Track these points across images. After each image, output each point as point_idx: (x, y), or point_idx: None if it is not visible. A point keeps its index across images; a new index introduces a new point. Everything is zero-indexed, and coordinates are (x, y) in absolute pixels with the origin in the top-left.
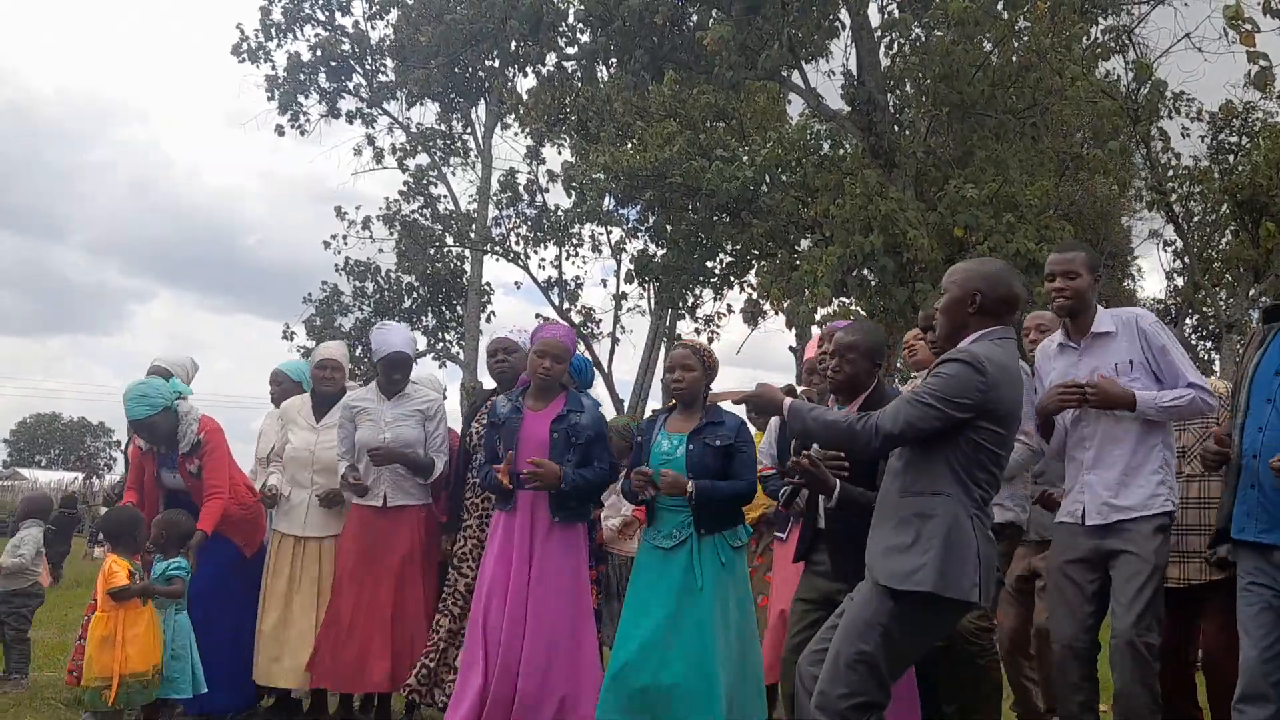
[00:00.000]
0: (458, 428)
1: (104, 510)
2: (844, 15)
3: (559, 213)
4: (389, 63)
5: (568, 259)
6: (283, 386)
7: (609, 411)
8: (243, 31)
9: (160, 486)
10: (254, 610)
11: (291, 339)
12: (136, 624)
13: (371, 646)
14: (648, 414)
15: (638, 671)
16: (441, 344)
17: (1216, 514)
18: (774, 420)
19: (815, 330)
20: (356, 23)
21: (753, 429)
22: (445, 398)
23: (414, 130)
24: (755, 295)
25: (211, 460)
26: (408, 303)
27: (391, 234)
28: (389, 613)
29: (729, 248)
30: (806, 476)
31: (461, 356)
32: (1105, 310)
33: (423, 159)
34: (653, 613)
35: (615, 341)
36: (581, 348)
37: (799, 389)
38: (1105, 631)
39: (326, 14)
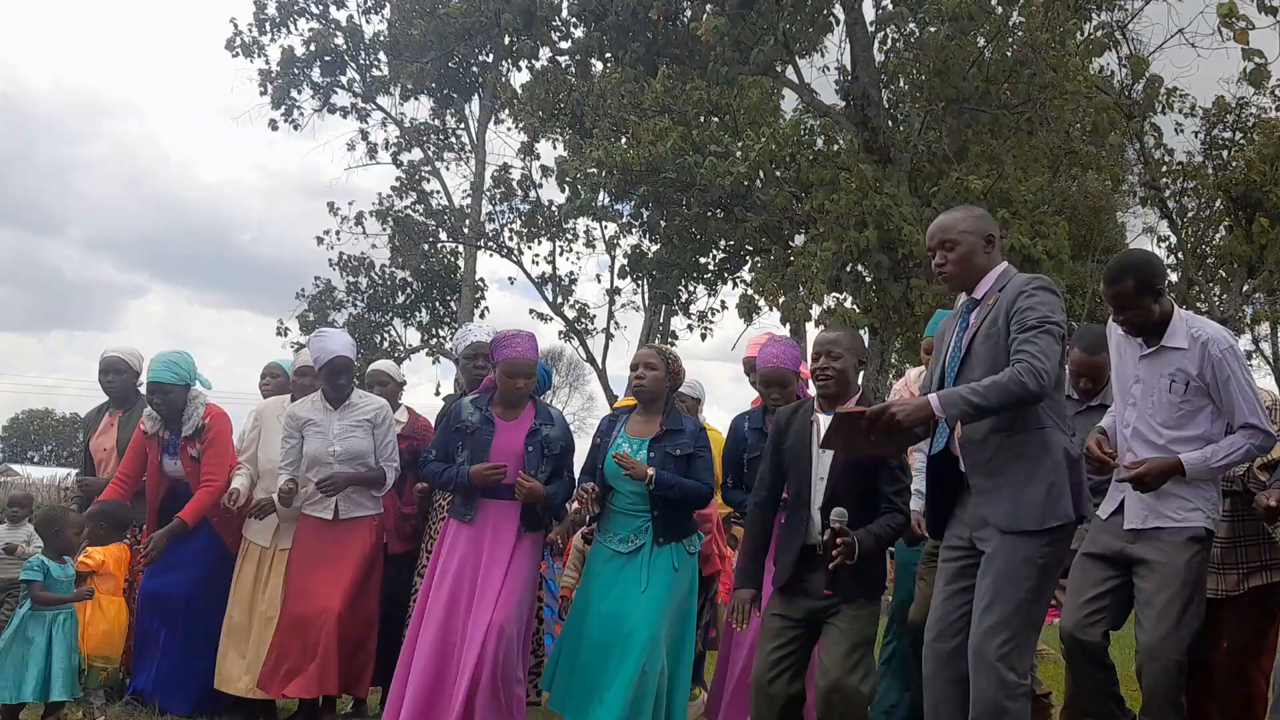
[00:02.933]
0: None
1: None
2: (838, 10)
3: (553, 208)
4: (382, 57)
5: (561, 254)
6: (279, 380)
7: (604, 408)
8: (236, 26)
9: (163, 476)
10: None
11: (285, 335)
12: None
13: (323, 654)
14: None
15: (574, 667)
16: (435, 340)
17: None
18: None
19: (756, 338)
20: (350, 17)
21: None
22: (404, 384)
23: (407, 125)
24: (750, 291)
25: (214, 449)
26: (401, 298)
27: (385, 229)
28: (341, 621)
29: (723, 243)
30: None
31: (455, 352)
32: (1184, 319)
33: (416, 154)
34: (595, 612)
35: (609, 337)
36: (575, 344)
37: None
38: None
39: (320, 7)
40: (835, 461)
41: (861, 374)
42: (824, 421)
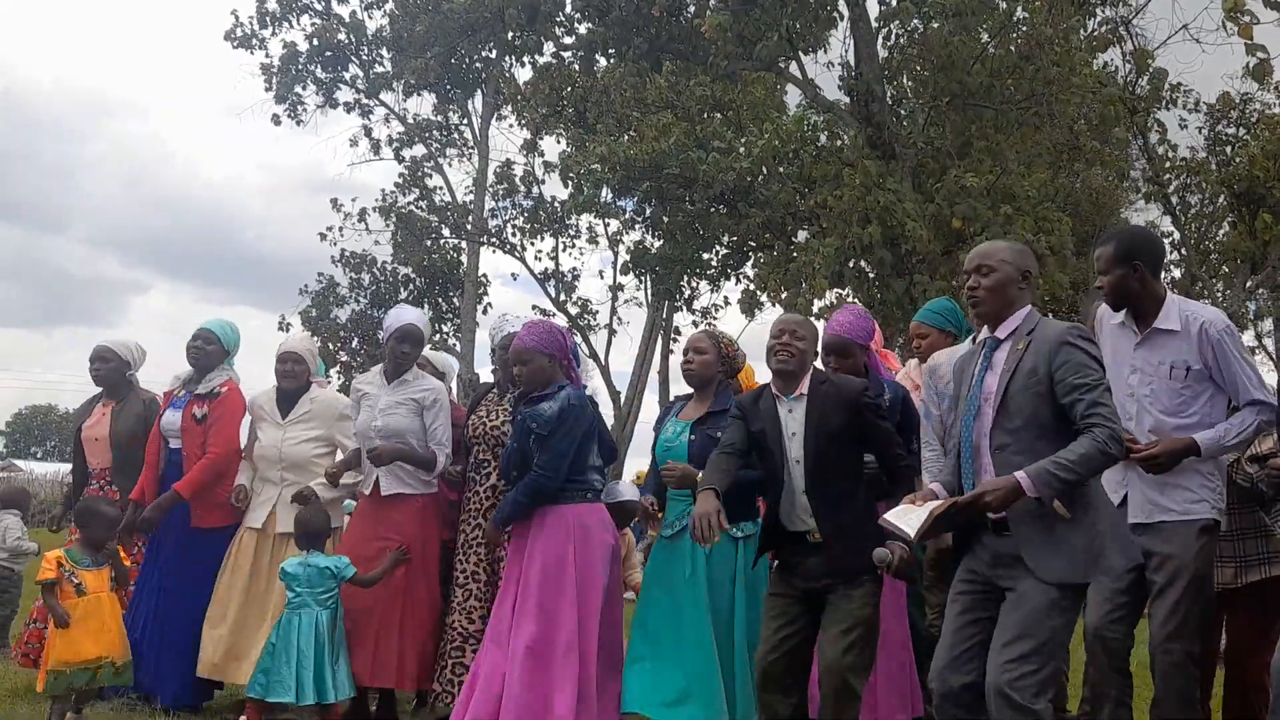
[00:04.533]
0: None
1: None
2: (842, 6)
3: (555, 204)
4: (385, 53)
5: (564, 251)
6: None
7: (605, 403)
8: (237, 17)
9: (161, 435)
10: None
11: (288, 330)
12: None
13: (367, 642)
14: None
15: (640, 666)
16: (438, 336)
17: None
18: (941, 365)
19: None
20: (353, 12)
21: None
22: (443, 375)
23: (410, 121)
24: (752, 286)
25: (222, 422)
26: (404, 294)
27: (388, 225)
28: (386, 607)
29: (726, 239)
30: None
31: (458, 348)
32: (1176, 302)
33: (419, 150)
34: (655, 608)
35: (612, 333)
36: (578, 340)
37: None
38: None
39: (323, 3)
40: (807, 444)
41: (817, 361)
42: (788, 409)
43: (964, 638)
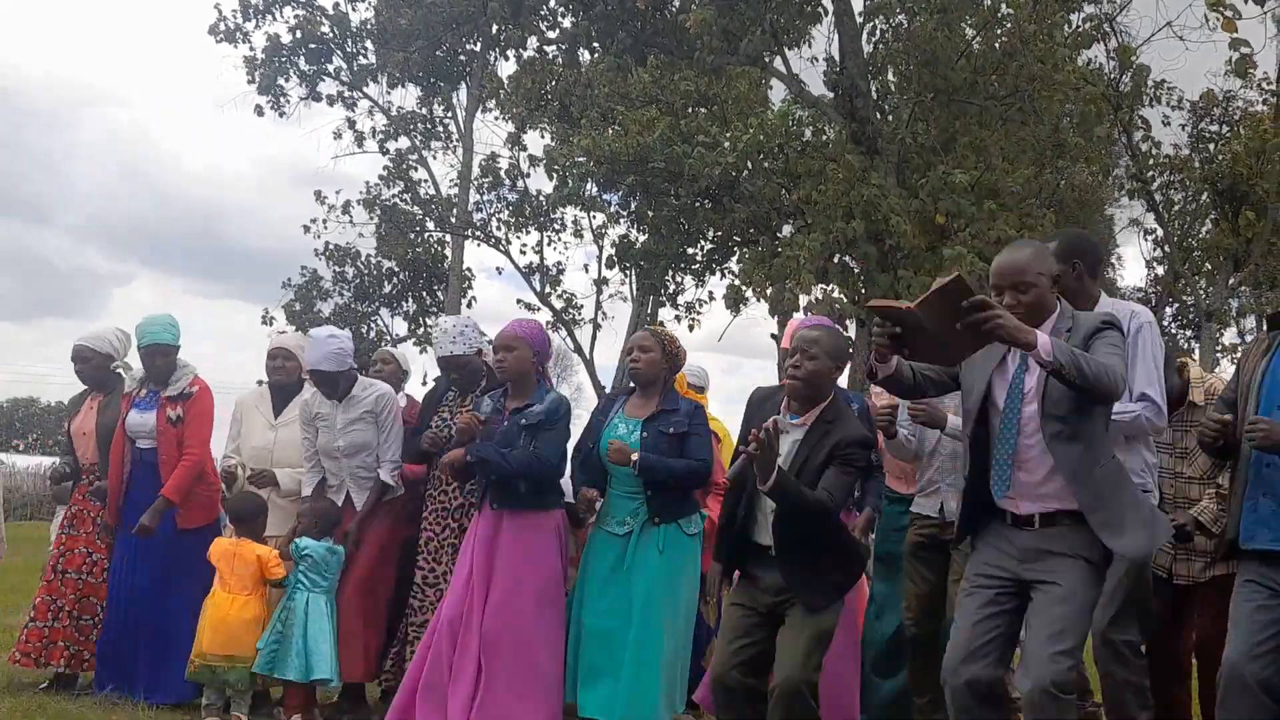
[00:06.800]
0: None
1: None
2: (826, 1)
3: (540, 197)
4: (369, 45)
5: (549, 244)
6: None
7: (591, 398)
8: (220, 12)
9: (127, 436)
10: (198, 597)
11: (270, 324)
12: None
13: (339, 638)
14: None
15: (576, 654)
16: (422, 329)
17: (1227, 524)
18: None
19: (797, 317)
20: (337, 4)
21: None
22: (408, 372)
23: (394, 114)
24: (737, 281)
25: (197, 419)
26: (388, 288)
27: (372, 218)
28: (353, 605)
29: (710, 233)
30: (759, 452)
31: None
32: (1109, 303)
33: (403, 142)
34: (590, 598)
35: (597, 327)
36: (563, 334)
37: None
38: None
39: None
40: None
41: (840, 378)
42: (785, 430)
43: (984, 630)
